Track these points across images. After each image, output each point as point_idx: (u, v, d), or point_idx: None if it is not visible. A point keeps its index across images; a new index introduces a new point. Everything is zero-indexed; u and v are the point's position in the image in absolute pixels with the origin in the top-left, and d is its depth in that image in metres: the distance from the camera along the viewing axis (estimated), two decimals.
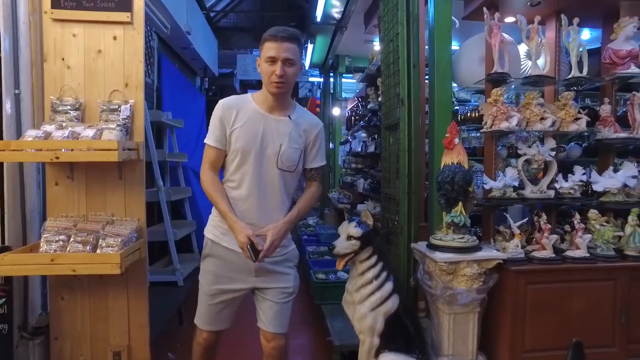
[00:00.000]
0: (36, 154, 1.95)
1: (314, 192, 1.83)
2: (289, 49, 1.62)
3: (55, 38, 2.19)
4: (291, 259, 1.82)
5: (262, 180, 1.70)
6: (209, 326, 1.79)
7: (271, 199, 1.71)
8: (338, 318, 2.81)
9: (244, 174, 1.69)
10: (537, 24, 2.24)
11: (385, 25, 2.50)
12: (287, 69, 1.63)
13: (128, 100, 2.22)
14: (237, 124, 1.68)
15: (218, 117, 1.71)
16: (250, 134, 1.68)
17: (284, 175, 1.72)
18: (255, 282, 1.75)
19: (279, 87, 1.64)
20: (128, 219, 2.21)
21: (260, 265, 1.71)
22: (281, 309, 1.77)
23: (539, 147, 2.26)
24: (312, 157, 1.81)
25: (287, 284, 1.77)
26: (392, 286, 1.98)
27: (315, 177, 1.85)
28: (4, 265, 1.89)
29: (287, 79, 1.64)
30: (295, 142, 1.72)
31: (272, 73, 1.62)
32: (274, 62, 1.62)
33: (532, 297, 2.04)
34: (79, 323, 2.23)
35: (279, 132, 1.70)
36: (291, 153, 1.70)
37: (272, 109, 1.72)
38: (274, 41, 1.62)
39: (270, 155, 1.69)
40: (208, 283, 1.76)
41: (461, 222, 2.02)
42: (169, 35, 4.41)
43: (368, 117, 4.19)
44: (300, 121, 1.76)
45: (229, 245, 1.72)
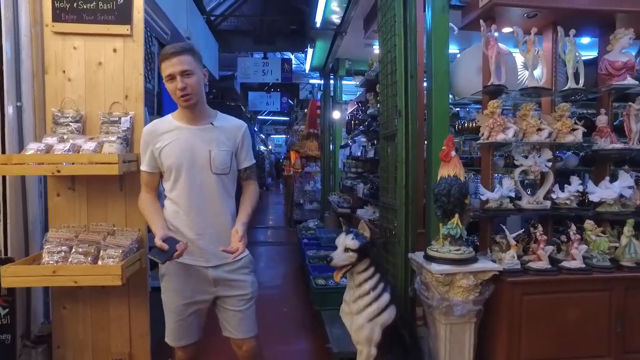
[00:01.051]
0: (38, 167, 1.98)
1: (254, 189, 1.91)
2: (181, 61, 1.68)
3: (56, 51, 2.22)
4: (247, 265, 1.86)
5: (200, 188, 1.75)
6: (180, 341, 1.82)
7: (214, 204, 1.77)
8: (337, 324, 2.83)
9: (181, 187, 1.75)
10: (534, 36, 2.26)
11: (383, 35, 2.51)
12: (186, 80, 1.68)
13: (128, 112, 2.25)
14: (163, 143, 1.75)
15: (144, 143, 1.79)
16: (178, 149, 1.74)
17: (221, 179, 1.78)
18: (216, 291, 1.79)
19: (187, 100, 1.70)
20: (129, 229, 2.24)
21: (217, 275, 1.77)
22: (244, 315, 1.81)
23: (535, 158, 2.28)
24: (243, 158, 1.87)
25: (245, 290, 1.82)
26: (389, 297, 2.00)
27: (250, 175, 1.91)
28: (6, 277, 1.91)
29: (191, 89, 1.70)
30: (224, 145, 1.78)
31: (175, 89, 1.69)
32: (173, 79, 1.69)
33: (528, 307, 2.06)
34: (80, 332, 2.26)
35: (206, 139, 1.76)
36: (223, 156, 1.77)
37: (192, 121, 1.78)
38: (166, 60, 1.69)
39: (203, 164, 1.75)
40: (172, 301, 1.79)
41: (457, 234, 2.04)
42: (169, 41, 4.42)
43: (368, 122, 4.21)
44: (224, 126, 1.83)
45: (183, 260, 1.74)
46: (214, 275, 1.76)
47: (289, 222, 8.19)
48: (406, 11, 2.28)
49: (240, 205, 1.84)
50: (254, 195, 1.89)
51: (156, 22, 3.82)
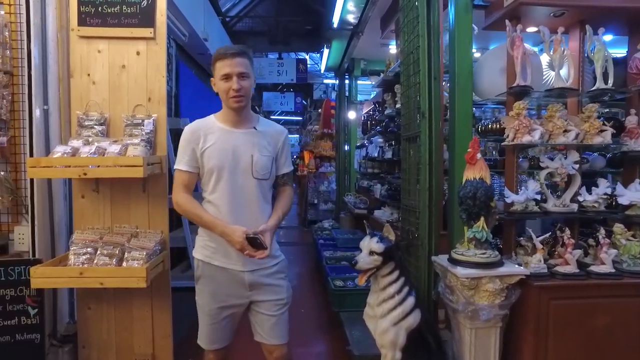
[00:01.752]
0: (65, 170, 2.00)
1: (290, 194, 1.90)
2: (241, 63, 1.69)
3: (82, 54, 2.25)
4: (282, 270, 1.86)
5: (241, 192, 1.74)
6: (213, 345, 1.81)
7: (253, 209, 1.76)
8: (357, 326, 2.82)
9: (222, 190, 1.73)
10: (561, 35, 2.21)
11: (405, 36, 2.49)
12: (242, 82, 1.70)
13: (151, 115, 2.27)
14: (206, 144, 1.74)
15: (187, 142, 1.76)
16: (221, 151, 1.73)
17: (261, 184, 1.77)
18: (251, 295, 1.78)
19: (239, 101, 1.71)
20: (152, 231, 2.26)
21: (253, 279, 1.76)
22: (278, 321, 1.80)
23: (562, 160, 2.23)
24: (282, 164, 1.87)
25: (281, 295, 1.81)
26: (414, 301, 1.98)
27: (288, 182, 1.91)
28: (36, 278, 1.95)
29: (244, 92, 1.71)
30: (266, 150, 1.78)
31: (229, 89, 1.69)
32: (228, 79, 1.69)
33: (556, 313, 2.02)
34: (105, 332, 2.29)
35: (248, 144, 1.76)
36: (264, 161, 1.76)
37: (236, 124, 1.78)
38: (225, 59, 1.69)
39: (244, 168, 1.74)
40: (207, 303, 1.79)
41: (483, 238, 2.01)
42: (186, 42, 4.46)
43: (385, 122, 4.18)
44: (266, 130, 1.83)
45: (220, 263, 1.76)
46: (249, 279, 1.76)
47: (303, 222, 8.20)
48: (430, 11, 2.25)
49: (274, 208, 1.83)
50: (288, 200, 1.89)
51: (175, 24, 3.85)
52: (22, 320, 2.09)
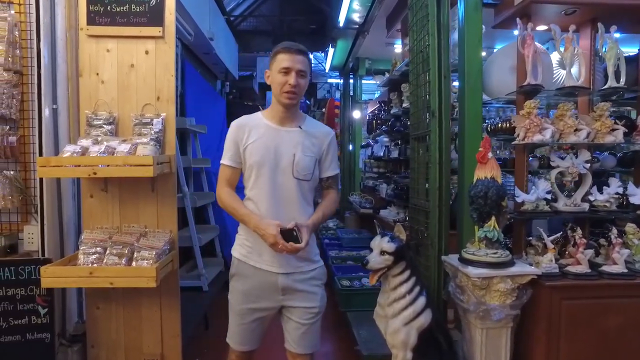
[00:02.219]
0: (75, 169, 2.00)
1: (334, 198, 1.87)
2: (302, 61, 1.69)
3: (90, 53, 2.25)
4: (319, 277, 1.81)
5: (280, 191, 1.72)
6: (241, 346, 1.79)
7: (291, 209, 1.72)
8: (364, 326, 2.81)
9: (261, 187, 1.72)
10: (572, 33, 2.19)
11: (414, 35, 2.48)
12: (300, 79, 1.69)
13: (160, 114, 2.27)
14: (249, 140, 1.73)
15: (232, 138, 1.76)
16: (264, 148, 1.72)
17: (301, 185, 1.74)
18: (282, 300, 1.75)
19: (291, 98, 1.70)
20: (160, 230, 2.26)
21: (286, 283, 1.72)
22: (308, 330, 1.76)
23: (573, 159, 2.22)
24: (327, 166, 1.84)
25: (314, 303, 1.77)
26: (425, 301, 1.97)
27: (332, 185, 1.88)
28: (46, 278, 1.95)
29: (299, 90, 1.70)
30: (309, 151, 1.75)
31: (285, 83, 1.67)
32: (287, 73, 1.67)
33: (568, 313, 2.01)
34: (113, 332, 2.29)
35: (291, 142, 1.74)
36: (306, 161, 1.73)
37: (282, 122, 1.76)
38: (288, 53, 1.68)
39: (285, 167, 1.72)
40: (237, 302, 1.78)
41: (495, 237, 2.00)
42: (192, 42, 4.45)
43: (391, 122, 4.16)
44: (311, 131, 1.80)
45: (255, 263, 1.74)
46: (283, 283, 1.72)
47: None
48: (440, 10, 2.24)
49: (319, 205, 1.81)
50: (332, 203, 1.85)
51: (181, 23, 3.83)
52: (32, 320, 2.09)
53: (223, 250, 4.37)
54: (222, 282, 4.03)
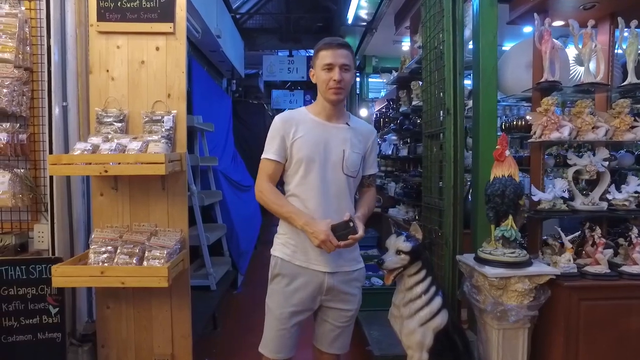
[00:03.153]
0: (86, 167, 1.98)
1: (375, 195, 1.88)
2: (344, 55, 1.66)
3: (100, 50, 2.22)
4: (360, 279, 1.80)
5: (330, 187, 1.69)
6: (278, 354, 1.72)
7: (340, 206, 1.69)
8: (375, 326, 2.78)
9: (311, 183, 1.68)
10: (591, 28, 2.15)
11: (428, 31, 2.44)
12: (344, 74, 1.65)
13: (171, 111, 2.24)
14: (297, 135, 1.69)
15: (277, 132, 1.71)
16: (313, 143, 1.68)
17: (349, 181, 1.72)
18: (324, 300, 1.72)
19: (337, 93, 1.66)
20: (171, 229, 2.23)
21: (332, 284, 1.70)
22: (342, 332, 1.75)
23: (591, 157, 2.18)
24: (370, 164, 1.83)
25: (351, 306, 1.75)
26: (442, 301, 1.93)
27: (372, 183, 1.88)
28: (57, 277, 1.93)
29: (344, 84, 1.67)
30: (357, 148, 1.74)
31: (330, 79, 1.64)
32: (331, 69, 1.64)
33: (586, 314, 1.97)
34: (124, 331, 2.26)
35: (340, 138, 1.71)
36: (355, 158, 1.72)
37: (330, 118, 1.73)
38: (330, 49, 1.65)
39: (335, 162, 1.69)
40: (278, 306, 1.71)
41: (512, 237, 1.96)
42: (199, 39, 4.43)
43: (400, 120, 4.12)
44: (357, 128, 1.78)
45: (301, 263, 1.69)
46: (329, 283, 1.69)
47: None
48: (455, 5, 2.20)
49: (359, 204, 1.80)
50: (374, 199, 1.86)
51: (189, 21, 3.81)
52: (43, 319, 2.07)
53: (230, 249, 4.35)
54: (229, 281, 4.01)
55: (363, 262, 1.82)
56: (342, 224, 1.59)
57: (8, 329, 2.07)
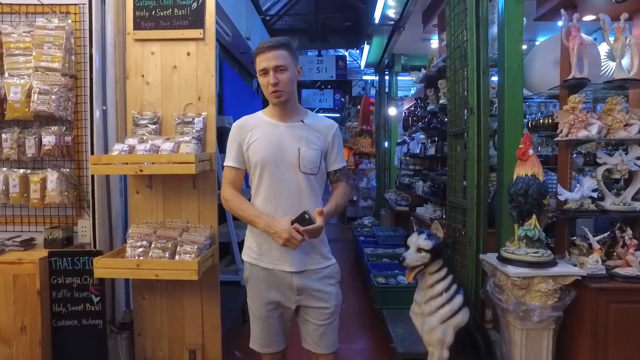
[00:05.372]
0: (123, 167, 2.12)
1: (344, 190, 1.81)
2: (276, 56, 1.62)
3: (136, 57, 2.36)
4: (332, 275, 1.76)
5: (287, 187, 1.67)
6: (267, 348, 1.77)
7: (302, 205, 1.66)
8: (400, 324, 2.81)
9: (267, 185, 1.68)
10: (624, 22, 2.08)
11: (452, 30, 2.43)
12: (279, 75, 1.63)
13: (201, 113, 2.34)
14: (252, 139, 1.70)
15: (233, 138, 1.74)
16: (267, 145, 1.68)
17: (309, 179, 1.69)
18: (299, 300, 1.71)
19: (277, 96, 1.65)
20: (202, 226, 2.34)
21: (301, 283, 1.68)
22: (326, 330, 1.72)
23: (623, 156, 2.11)
24: (333, 159, 1.79)
25: (327, 303, 1.71)
26: (463, 299, 1.94)
27: (341, 178, 1.82)
28: (98, 268, 2.08)
29: (282, 86, 1.64)
30: (313, 144, 1.70)
31: (267, 84, 1.64)
32: (266, 74, 1.64)
33: (615, 317, 1.92)
34: (158, 322, 2.40)
35: (295, 136, 1.70)
36: (311, 154, 1.69)
37: (283, 118, 1.73)
38: (261, 54, 1.65)
39: (291, 162, 1.67)
40: (256, 307, 1.75)
41: (535, 236, 1.94)
42: (229, 42, 4.57)
43: (427, 118, 4.11)
44: (314, 124, 1.75)
45: (267, 265, 1.70)
46: (298, 283, 1.68)
47: (342, 219, 8.21)
48: (478, 4, 2.19)
49: (331, 198, 1.76)
50: (343, 194, 1.79)
51: (219, 25, 3.94)
52: (86, 307, 2.24)
53: None
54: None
55: (334, 259, 1.79)
56: (299, 217, 1.58)
57: (58, 314, 2.25)
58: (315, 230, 1.59)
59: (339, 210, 1.78)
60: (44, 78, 2.27)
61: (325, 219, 1.63)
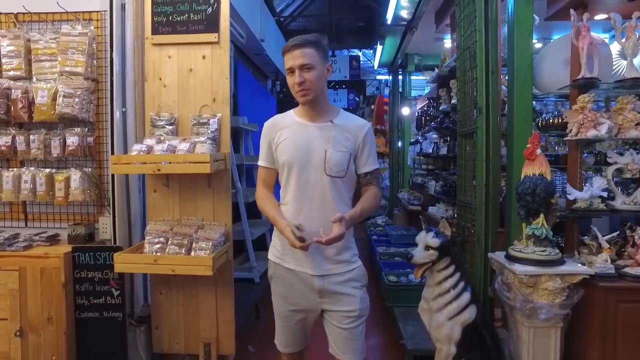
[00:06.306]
0: (142, 166, 2.21)
1: (374, 194, 1.72)
2: (303, 54, 1.57)
3: (154, 60, 2.45)
4: (357, 279, 1.70)
5: (312, 190, 1.64)
6: (286, 348, 1.78)
7: (325, 209, 1.62)
8: (410, 321, 2.84)
9: (292, 187, 1.66)
10: (636, 20, 2.07)
11: (462, 31, 2.46)
12: (305, 74, 1.58)
13: (216, 114, 2.42)
14: (281, 139, 1.69)
15: (264, 138, 1.75)
16: (294, 146, 1.65)
17: (335, 182, 1.64)
18: (321, 303, 1.69)
19: (303, 95, 1.61)
20: (216, 223, 2.42)
21: (322, 286, 1.65)
22: (350, 335, 1.66)
23: (634, 155, 2.11)
24: (364, 161, 1.70)
25: (352, 307, 1.66)
26: (470, 296, 1.97)
27: (372, 181, 1.74)
28: (118, 263, 2.18)
29: (309, 85, 1.59)
30: (342, 146, 1.64)
31: (294, 84, 1.60)
32: (292, 72, 1.60)
33: (625, 316, 1.92)
34: (174, 316, 2.49)
35: (323, 138, 1.64)
36: (338, 157, 1.63)
37: (312, 118, 1.68)
38: (288, 52, 1.61)
39: (317, 163, 1.63)
40: (278, 305, 1.76)
41: (543, 235, 1.96)
42: (244, 44, 4.65)
43: (440, 118, 4.12)
44: (344, 124, 1.68)
45: (289, 265, 1.70)
46: (319, 285, 1.65)
47: None
48: (487, 5, 2.21)
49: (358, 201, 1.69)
50: (372, 198, 1.71)
51: (234, 27, 4.02)
52: (107, 300, 2.35)
53: None
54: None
55: (359, 262, 1.74)
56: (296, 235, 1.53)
57: (81, 306, 2.37)
58: (332, 239, 1.52)
59: (365, 215, 1.71)
60: (68, 82, 2.39)
61: (347, 224, 1.57)
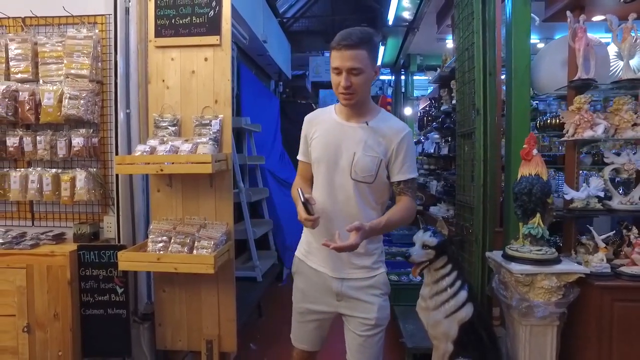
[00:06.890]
0: (145, 167, 2.25)
1: (406, 205, 1.60)
2: (353, 57, 1.46)
3: (157, 62, 2.50)
4: (377, 286, 1.65)
5: (337, 192, 1.59)
6: (300, 344, 1.78)
7: (348, 214, 1.57)
8: (410, 320, 2.87)
9: (319, 185, 1.64)
10: (632, 22, 2.09)
11: (460, 33, 2.49)
12: (353, 78, 1.48)
13: (218, 115, 2.46)
14: (315, 135, 1.65)
15: (304, 132, 1.73)
16: (325, 144, 1.61)
17: (360, 187, 1.56)
18: (338, 307, 1.66)
19: (347, 99, 1.53)
20: (218, 222, 2.46)
21: (340, 289, 1.63)
22: (365, 343, 1.62)
23: (630, 156, 2.13)
24: (398, 168, 1.59)
25: (369, 314, 1.60)
26: (467, 295, 2.01)
27: (405, 191, 1.61)
28: (122, 261, 2.23)
29: (354, 89, 1.50)
30: (372, 150, 1.56)
31: (339, 84, 1.51)
32: (339, 73, 1.50)
33: (620, 315, 1.94)
34: (177, 313, 2.53)
35: (354, 140, 1.57)
36: (366, 162, 1.55)
37: (348, 117, 1.61)
38: (337, 50, 1.49)
39: (344, 166, 1.57)
40: (297, 300, 1.77)
41: (539, 234, 1.99)
42: (247, 45, 4.69)
43: (441, 118, 4.14)
44: (379, 127, 1.58)
45: (312, 264, 1.70)
46: (337, 288, 1.63)
47: None
48: (485, 7, 2.24)
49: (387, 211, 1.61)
50: (403, 210, 1.59)
51: (236, 29, 4.06)
52: (111, 297, 2.40)
53: (276, 243, 4.58)
54: (275, 273, 4.20)
55: (382, 269, 1.68)
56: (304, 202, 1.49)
57: (86, 303, 2.42)
58: (342, 248, 1.44)
59: (392, 228, 1.62)
60: (73, 84, 2.44)
61: (365, 235, 1.47)
